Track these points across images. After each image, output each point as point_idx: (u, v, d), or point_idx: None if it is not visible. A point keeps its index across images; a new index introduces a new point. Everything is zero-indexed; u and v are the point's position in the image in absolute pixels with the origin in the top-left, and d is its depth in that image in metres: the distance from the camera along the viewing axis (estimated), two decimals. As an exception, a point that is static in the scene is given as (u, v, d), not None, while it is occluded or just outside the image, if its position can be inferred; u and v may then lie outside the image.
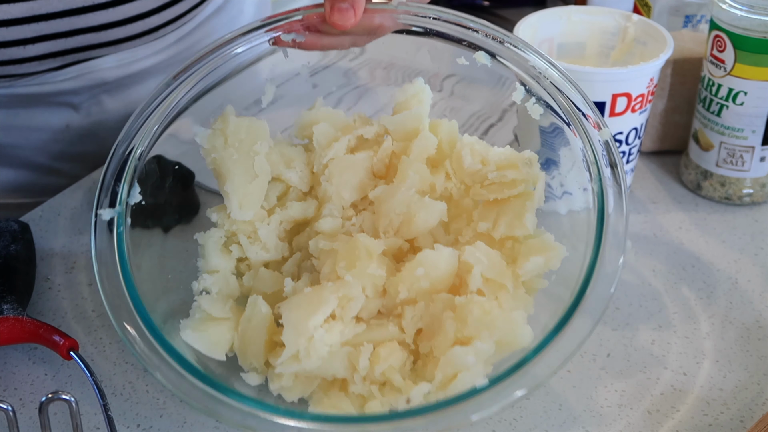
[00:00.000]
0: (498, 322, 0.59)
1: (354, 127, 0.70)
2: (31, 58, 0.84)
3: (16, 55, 0.83)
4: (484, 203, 0.67)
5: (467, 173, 0.67)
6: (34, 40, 0.82)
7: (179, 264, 0.68)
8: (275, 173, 0.69)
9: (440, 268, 0.62)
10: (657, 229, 0.82)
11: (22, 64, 0.84)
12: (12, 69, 0.84)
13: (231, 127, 0.66)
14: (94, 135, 0.93)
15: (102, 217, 0.62)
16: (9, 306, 0.67)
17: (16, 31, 0.81)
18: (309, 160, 0.70)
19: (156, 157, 0.68)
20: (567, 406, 0.65)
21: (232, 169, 0.66)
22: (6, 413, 0.58)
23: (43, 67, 0.86)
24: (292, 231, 0.70)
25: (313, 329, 0.59)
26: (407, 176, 0.66)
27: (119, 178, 0.63)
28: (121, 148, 0.64)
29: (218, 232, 0.68)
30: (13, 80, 0.87)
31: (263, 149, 0.67)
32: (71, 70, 0.88)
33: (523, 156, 0.66)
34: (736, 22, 0.77)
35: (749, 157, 0.82)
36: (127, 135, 0.64)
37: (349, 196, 0.68)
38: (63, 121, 0.92)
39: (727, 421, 0.64)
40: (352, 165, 0.69)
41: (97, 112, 0.93)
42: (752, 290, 0.75)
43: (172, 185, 0.73)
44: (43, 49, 0.83)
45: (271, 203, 0.69)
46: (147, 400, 0.66)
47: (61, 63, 0.86)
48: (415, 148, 0.68)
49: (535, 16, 0.83)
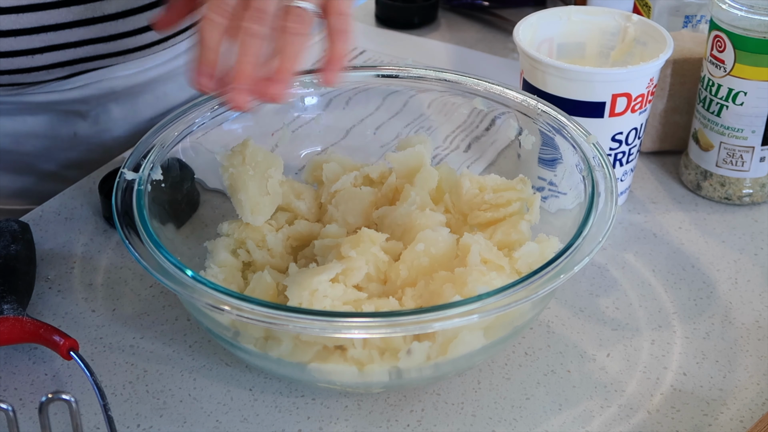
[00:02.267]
0: (496, 282, 0.61)
1: (360, 167, 0.75)
2: (39, 68, 0.84)
3: (24, 65, 0.83)
4: (480, 225, 0.70)
5: (465, 201, 0.71)
6: (43, 50, 0.82)
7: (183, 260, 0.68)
8: (285, 203, 0.73)
9: (439, 246, 0.65)
10: (657, 229, 0.82)
11: (30, 73, 0.84)
12: (20, 78, 0.84)
13: (250, 150, 0.70)
14: (101, 143, 0.93)
15: (125, 176, 0.66)
16: (9, 306, 0.67)
17: (24, 41, 0.81)
18: (317, 195, 0.75)
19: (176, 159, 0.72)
20: (567, 406, 0.65)
21: (248, 182, 0.69)
22: (6, 413, 0.58)
23: (51, 76, 0.86)
24: (297, 248, 0.72)
25: (316, 283, 0.61)
26: (409, 196, 0.70)
27: (145, 155, 0.68)
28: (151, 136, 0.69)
29: (227, 240, 0.71)
30: (21, 89, 0.87)
31: (277, 175, 0.71)
32: (79, 79, 0.88)
33: (518, 179, 0.71)
34: (736, 22, 0.77)
35: (749, 157, 0.82)
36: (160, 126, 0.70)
37: (354, 221, 0.72)
38: (71, 129, 0.92)
39: (727, 421, 0.64)
40: (358, 196, 0.73)
41: (105, 121, 0.93)
42: (752, 290, 0.75)
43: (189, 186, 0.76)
44: (52, 58, 0.83)
45: (279, 224, 0.72)
46: (147, 400, 0.66)
47: (69, 72, 0.86)
48: (417, 181, 0.72)
49: (535, 16, 0.83)
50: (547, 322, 0.72)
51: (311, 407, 0.65)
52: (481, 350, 0.62)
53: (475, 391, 0.66)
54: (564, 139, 0.70)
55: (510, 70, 1.04)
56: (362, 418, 0.64)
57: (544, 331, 0.71)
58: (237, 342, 0.63)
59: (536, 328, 0.71)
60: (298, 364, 0.61)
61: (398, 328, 0.56)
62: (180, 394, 0.66)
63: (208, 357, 0.69)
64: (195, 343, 0.70)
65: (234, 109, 0.61)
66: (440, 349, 0.61)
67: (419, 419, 0.64)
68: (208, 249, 0.70)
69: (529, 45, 0.79)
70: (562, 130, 0.70)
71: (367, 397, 0.66)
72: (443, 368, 0.62)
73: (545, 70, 0.77)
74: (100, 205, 0.82)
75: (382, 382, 0.62)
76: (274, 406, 0.65)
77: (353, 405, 0.65)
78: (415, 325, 0.56)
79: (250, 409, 0.65)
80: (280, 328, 0.59)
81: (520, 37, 0.79)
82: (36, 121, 0.90)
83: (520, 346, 0.70)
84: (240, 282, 0.69)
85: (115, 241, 0.79)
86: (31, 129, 0.90)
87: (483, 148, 0.85)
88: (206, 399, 0.66)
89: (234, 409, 0.65)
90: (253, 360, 0.64)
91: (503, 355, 0.69)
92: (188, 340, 0.70)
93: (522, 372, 0.68)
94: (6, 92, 0.87)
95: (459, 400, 0.66)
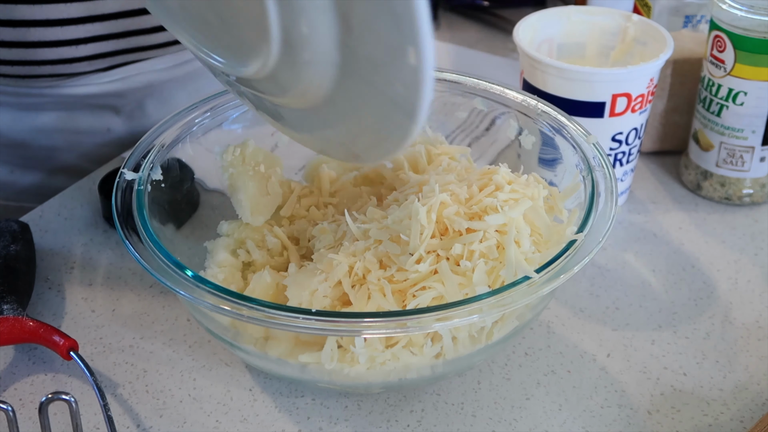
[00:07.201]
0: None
1: (360, 167, 0.75)
2: (82, 58, 0.85)
3: (68, 55, 0.84)
4: None
5: None
6: (87, 41, 0.84)
7: (183, 260, 0.68)
8: (285, 202, 0.72)
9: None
10: (657, 229, 0.82)
11: (72, 64, 0.85)
12: (62, 68, 0.86)
13: (250, 150, 0.70)
14: (133, 140, 0.94)
15: (125, 176, 0.66)
16: (9, 306, 0.67)
17: (70, 30, 0.82)
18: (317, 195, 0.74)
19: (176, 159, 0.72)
20: (567, 406, 0.65)
21: (248, 182, 0.69)
22: (6, 413, 0.58)
23: (92, 67, 0.87)
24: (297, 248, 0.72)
25: (316, 283, 0.61)
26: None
27: (145, 156, 0.68)
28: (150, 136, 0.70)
29: (227, 240, 0.71)
30: (60, 80, 0.87)
31: (277, 175, 0.71)
32: (118, 72, 0.89)
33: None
34: (736, 22, 0.77)
35: (749, 157, 0.82)
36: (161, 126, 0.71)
37: None
38: (105, 124, 0.93)
39: (727, 421, 0.64)
40: (357, 192, 0.73)
41: (139, 116, 0.94)
42: (752, 290, 0.75)
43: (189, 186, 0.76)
44: (95, 49, 0.85)
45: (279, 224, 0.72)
46: (147, 400, 0.66)
47: (109, 64, 0.88)
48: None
49: (535, 17, 0.83)
50: (547, 322, 0.72)
51: (311, 407, 0.65)
52: (481, 350, 0.62)
53: (475, 391, 0.66)
54: (564, 139, 0.70)
55: (510, 70, 1.04)
56: (362, 418, 0.64)
57: (544, 331, 0.71)
58: (237, 342, 0.63)
59: (536, 328, 0.71)
60: (298, 364, 0.61)
61: (398, 329, 0.56)
62: (180, 394, 0.66)
63: (208, 357, 0.69)
64: (195, 343, 0.70)
65: None
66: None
67: (419, 419, 0.64)
68: (208, 249, 0.70)
69: (529, 45, 0.79)
70: (562, 130, 0.70)
71: (367, 397, 0.66)
72: (443, 368, 0.62)
73: (545, 70, 0.77)
74: (100, 205, 0.82)
75: (382, 382, 0.62)
76: (274, 406, 0.65)
77: (353, 405, 0.65)
78: (416, 326, 0.56)
79: (250, 409, 0.65)
80: (280, 328, 0.59)
81: (520, 37, 0.79)
82: (71, 117, 0.91)
83: (520, 346, 0.70)
84: (240, 282, 0.69)
85: (115, 241, 0.79)
86: (66, 125, 0.92)
87: (483, 148, 0.85)
88: (206, 399, 0.66)
89: (234, 409, 0.65)
90: (253, 360, 0.64)
91: (503, 355, 0.69)
92: (188, 340, 0.70)
93: (522, 372, 0.68)
94: (46, 84, 0.88)
95: (459, 400, 0.66)
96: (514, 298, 0.57)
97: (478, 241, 0.60)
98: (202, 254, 0.71)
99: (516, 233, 0.60)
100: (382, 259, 0.61)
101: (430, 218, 0.60)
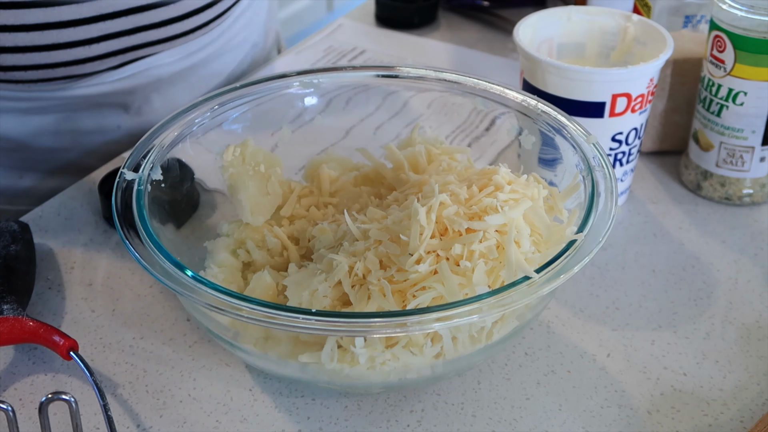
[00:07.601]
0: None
1: (360, 167, 0.75)
2: (94, 58, 0.86)
3: (81, 55, 0.85)
4: None
5: None
6: (99, 39, 0.85)
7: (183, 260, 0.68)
8: (285, 202, 0.73)
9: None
10: (657, 229, 0.82)
11: (85, 64, 0.86)
12: (75, 69, 0.87)
13: (250, 150, 0.71)
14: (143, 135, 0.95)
15: (125, 176, 0.66)
16: (9, 306, 0.67)
17: (82, 31, 0.84)
18: (317, 195, 0.75)
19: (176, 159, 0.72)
20: (567, 406, 0.65)
21: (248, 182, 0.70)
22: (6, 413, 0.58)
23: (104, 66, 0.88)
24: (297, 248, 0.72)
25: (316, 283, 0.61)
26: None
27: (145, 156, 0.68)
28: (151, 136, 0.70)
29: (227, 240, 0.71)
30: (72, 81, 0.88)
31: (277, 175, 0.71)
32: (128, 69, 0.90)
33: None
34: (736, 22, 0.77)
35: (749, 157, 0.82)
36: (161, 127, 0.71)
37: None
38: (114, 122, 0.94)
39: (727, 421, 0.64)
40: (357, 192, 0.73)
41: (147, 111, 0.95)
42: (752, 290, 0.75)
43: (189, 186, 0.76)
44: (107, 47, 0.86)
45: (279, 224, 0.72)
46: (147, 400, 0.66)
47: (120, 61, 0.89)
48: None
49: (535, 17, 0.83)
50: (547, 322, 0.72)
51: (311, 407, 0.65)
52: (481, 350, 0.62)
53: (475, 391, 0.66)
54: (564, 139, 0.70)
55: (510, 70, 1.04)
56: (362, 418, 0.64)
57: (544, 331, 0.71)
58: (237, 342, 0.63)
59: (536, 328, 0.71)
60: (298, 364, 0.61)
61: (398, 329, 0.56)
62: (180, 394, 0.66)
63: (208, 357, 0.69)
64: (195, 343, 0.70)
65: None
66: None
67: (419, 419, 0.64)
68: (208, 249, 0.70)
69: (529, 45, 0.79)
70: (562, 130, 0.70)
71: (367, 397, 0.66)
72: (443, 368, 0.62)
73: (545, 70, 0.77)
74: (100, 205, 0.82)
75: (382, 382, 0.62)
76: (274, 406, 0.65)
77: (353, 405, 0.65)
78: (416, 326, 0.56)
79: (249, 409, 0.65)
80: (280, 328, 0.59)
81: (520, 37, 0.79)
82: (79, 117, 0.92)
83: (520, 346, 0.70)
84: (240, 282, 0.69)
85: (115, 241, 0.79)
86: (75, 125, 0.92)
87: (483, 148, 0.85)
88: (206, 399, 0.66)
89: (234, 410, 0.65)
90: (253, 360, 0.64)
91: (503, 355, 0.69)
92: (188, 340, 0.70)
93: (522, 372, 0.68)
94: (57, 87, 0.88)
95: (459, 400, 0.66)
96: (514, 298, 0.57)
97: (478, 242, 0.59)
98: (202, 254, 0.71)
99: (516, 233, 0.60)
100: (382, 260, 0.61)
101: (430, 218, 0.60)
